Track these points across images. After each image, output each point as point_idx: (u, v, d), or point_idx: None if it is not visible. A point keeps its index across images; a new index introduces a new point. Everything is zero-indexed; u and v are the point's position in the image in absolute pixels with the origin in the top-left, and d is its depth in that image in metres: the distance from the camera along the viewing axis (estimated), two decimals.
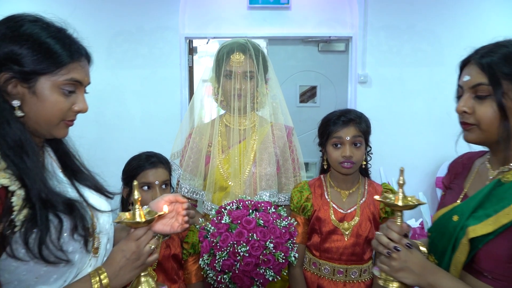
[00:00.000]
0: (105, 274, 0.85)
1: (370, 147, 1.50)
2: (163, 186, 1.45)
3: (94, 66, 3.04)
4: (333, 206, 1.46)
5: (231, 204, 1.35)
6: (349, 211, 1.46)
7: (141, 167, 1.44)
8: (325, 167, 1.53)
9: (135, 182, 0.92)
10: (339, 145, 1.43)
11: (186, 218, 1.07)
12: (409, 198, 0.93)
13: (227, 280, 1.28)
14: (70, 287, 0.83)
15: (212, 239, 1.31)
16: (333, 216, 1.45)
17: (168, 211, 1.05)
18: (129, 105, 3.41)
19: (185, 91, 3.56)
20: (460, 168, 1.11)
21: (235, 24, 3.68)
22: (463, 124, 0.98)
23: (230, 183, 1.57)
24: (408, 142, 3.43)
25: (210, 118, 1.71)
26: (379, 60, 3.47)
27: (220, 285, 1.31)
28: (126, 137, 3.23)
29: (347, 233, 1.44)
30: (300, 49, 4.54)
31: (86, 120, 3.87)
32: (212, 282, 1.34)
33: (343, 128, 1.42)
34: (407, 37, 3.42)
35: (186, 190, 1.61)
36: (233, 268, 1.26)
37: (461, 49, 3.81)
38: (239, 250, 1.24)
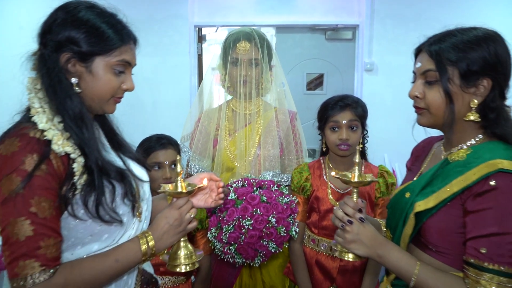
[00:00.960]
0: (151, 237, 0.95)
1: (367, 131, 1.59)
2: (172, 166, 1.55)
3: None
4: (331, 187, 1.56)
5: (237, 182, 1.46)
6: (345, 191, 1.55)
7: (152, 148, 1.55)
8: (323, 149, 1.62)
9: (178, 157, 1.02)
10: (336, 129, 1.52)
11: (221, 195, 1.15)
12: (365, 176, 1.01)
13: (233, 251, 1.40)
14: (121, 246, 0.94)
15: (219, 214, 1.42)
16: (330, 195, 1.54)
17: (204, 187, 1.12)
18: (140, 91, 3.50)
19: (194, 79, 3.66)
20: (420, 151, 1.17)
21: (243, 12, 3.74)
22: (415, 108, 1.02)
23: (236, 164, 1.68)
24: (413, 129, 3.49)
25: (218, 104, 1.81)
26: (385, 48, 3.51)
27: (227, 256, 1.43)
28: (138, 122, 3.33)
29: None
30: (308, 37, 4.57)
31: None
32: (219, 254, 1.45)
33: (340, 113, 1.50)
34: (413, 26, 3.45)
35: (195, 170, 1.72)
36: (239, 240, 1.37)
37: None
38: (244, 224, 1.36)
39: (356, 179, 0.99)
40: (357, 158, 0.99)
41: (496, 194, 0.86)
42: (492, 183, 0.86)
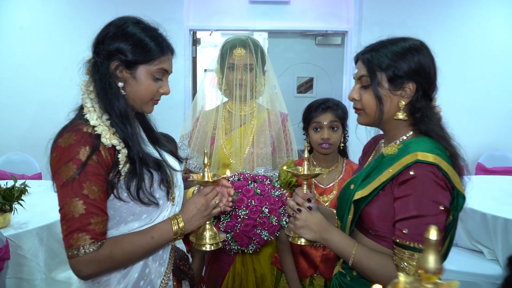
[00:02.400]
0: (181, 219, 1.10)
1: (347, 131, 1.74)
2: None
3: None
4: (314, 182, 1.71)
5: (233, 176, 1.60)
6: (328, 186, 1.70)
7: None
8: (308, 148, 1.76)
9: (206, 150, 1.16)
10: (318, 129, 1.66)
11: (230, 203, 1.25)
12: (313, 169, 1.17)
13: (229, 238, 1.54)
14: (156, 226, 1.08)
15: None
16: (314, 190, 1.69)
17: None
18: None
19: (188, 81, 3.78)
20: (367, 148, 1.30)
21: (237, 17, 3.86)
22: (355, 109, 1.14)
23: (231, 160, 1.82)
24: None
25: (215, 105, 1.95)
26: None
27: (224, 243, 1.57)
28: None
29: (326, 205, 1.68)
30: (299, 42, 4.73)
31: None
32: None
33: (322, 114, 1.65)
34: (399, 32, 3.54)
35: (193, 166, 1.86)
36: (235, 228, 1.51)
37: (450, 44, 4.11)
38: (240, 214, 1.50)
39: (305, 172, 1.15)
40: (305, 154, 1.16)
41: (415, 182, 0.97)
42: (412, 172, 0.97)
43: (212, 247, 1.18)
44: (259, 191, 1.55)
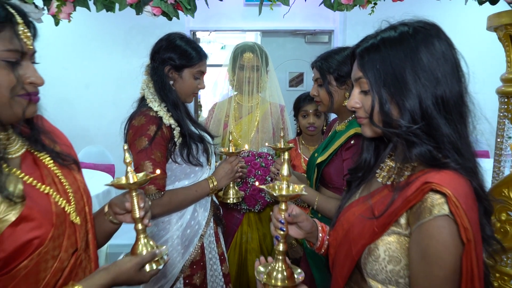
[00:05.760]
0: (214, 178, 1.54)
1: (328, 117, 2.21)
2: None
3: (113, 55, 4.03)
4: (303, 157, 2.17)
5: (243, 152, 2.06)
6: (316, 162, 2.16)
7: None
8: (298, 131, 2.23)
9: (230, 130, 1.62)
10: (306, 116, 2.13)
11: (245, 170, 1.69)
12: (287, 144, 1.54)
13: (241, 200, 2.00)
14: (198, 183, 1.51)
15: None
16: (303, 163, 2.15)
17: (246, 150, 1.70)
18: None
19: None
20: (328, 128, 1.72)
21: (233, 18, 4.22)
22: (316, 102, 1.56)
23: (240, 142, 2.27)
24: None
25: (227, 97, 2.40)
26: None
27: (237, 203, 2.03)
28: None
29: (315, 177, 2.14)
30: (289, 41, 5.02)
31: (105, 102, 4.44)
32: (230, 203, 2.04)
33: (308, 104, 2.11)
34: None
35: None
36: (245, 192, 1.97)
37: None
38: (249, 181, 1.96)
39: (282, 146, 1.51)
40: (282, 134, 1.58)
41: (353, 148, 1.37)
42: (352, 141, 1.40)
43: (234, 200, 1.63)
44: (263, 164, 2.01)
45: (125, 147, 0.93)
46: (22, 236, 0.74)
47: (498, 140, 1.53)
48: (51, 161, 0.89)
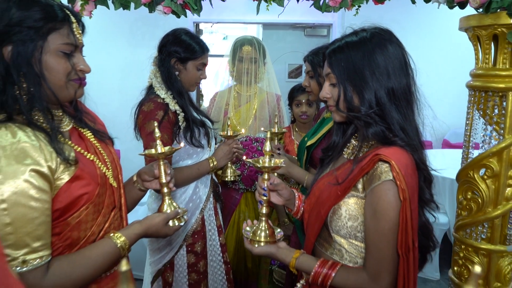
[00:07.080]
0: (214, 159, 1.72)
1: (319, 105, 2.39)
2: None
3: (119, 45, 4.26)
4: (296, 143, 2.36)
5: (241, 138, 2.25)
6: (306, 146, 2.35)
7: None
8: (292, 119, 2.42)
9: (229, 116, 1.80)
10: (299, 105, 2.31)
11: (242, 152, 1.87)
12: (281, 128, 1.75)
13: (239, 180, 2.20)
14: (200, 162, 1.70)
15: None
16: (296, 149, 2.34)
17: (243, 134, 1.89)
18: (147, 78, 4.19)
19: None
20: (317, 115, 1.93)
21: (235, 11, 4.35)
22: (307, 92, 1.72)
23: (238, 127, 2.46)
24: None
25: (226, 87, 2.59)
26: None
27: (235, 183, 2.23)
28: None
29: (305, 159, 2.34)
30: (289, 33, 5.11)
31: (111, 91, 4.61)
32: (229, 182, 2.24)
33: (301, 95, 2.29)
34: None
35: None
36: (243, 172, 2.17)
37: (421, 37, 4.74)
38: (247, 163, 2.15)
39: (276, 130, 1.76)
40: (277, 120, 1.80)
41: None
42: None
43: (232, 178, 1.83)
44: (260, 148, 2.21)
45: (155, 124, 1.22)
46: (75, 192, 0.91)
47: (467, 128, 1.72)
48: (92, 136, 1.07)
